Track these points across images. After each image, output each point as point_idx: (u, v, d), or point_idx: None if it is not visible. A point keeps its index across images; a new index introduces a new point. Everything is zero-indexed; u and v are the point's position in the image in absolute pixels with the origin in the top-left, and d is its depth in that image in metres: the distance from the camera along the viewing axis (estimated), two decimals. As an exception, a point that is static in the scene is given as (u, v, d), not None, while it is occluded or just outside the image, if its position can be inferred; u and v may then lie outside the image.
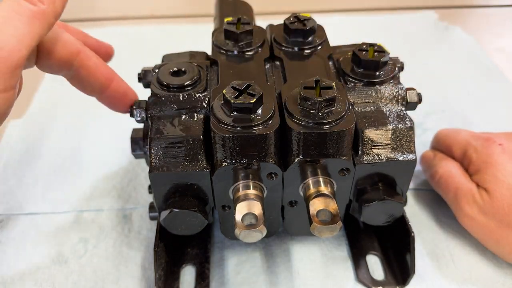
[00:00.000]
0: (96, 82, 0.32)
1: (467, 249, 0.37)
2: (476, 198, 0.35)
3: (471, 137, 0.39)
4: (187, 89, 0.32)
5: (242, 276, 0.36)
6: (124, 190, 0.44)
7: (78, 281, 0.36)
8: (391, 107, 0.32)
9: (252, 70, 0.34)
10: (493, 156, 0.36)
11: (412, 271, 0.34)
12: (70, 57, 0.31)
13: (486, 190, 0.35)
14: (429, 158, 0.42)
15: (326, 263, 0.37)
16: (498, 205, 0.33)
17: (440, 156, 0.41)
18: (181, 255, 0.37)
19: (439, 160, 0.40)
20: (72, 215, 0.41)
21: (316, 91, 0.28)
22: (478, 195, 0.35)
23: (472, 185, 0.36)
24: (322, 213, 0.28)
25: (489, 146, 0.36)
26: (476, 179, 0.36)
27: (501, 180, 0.34)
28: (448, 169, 0.38)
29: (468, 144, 0.38)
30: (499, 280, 0.35)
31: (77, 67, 0.31)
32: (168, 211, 0.30)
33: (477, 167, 0.36)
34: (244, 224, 0.27)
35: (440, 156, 0.41)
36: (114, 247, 0.38)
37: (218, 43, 0.36)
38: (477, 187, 0.36)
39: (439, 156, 0.41)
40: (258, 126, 0.28)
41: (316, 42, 0.36)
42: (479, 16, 0.75)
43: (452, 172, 0.38)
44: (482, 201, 0.34)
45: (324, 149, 0.28)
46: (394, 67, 0.33)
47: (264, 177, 0.30)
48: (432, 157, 0.41)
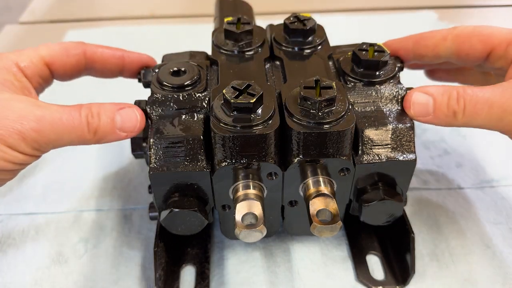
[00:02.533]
0: (113, 66, 0.36)
1: (467, 249, 0.37)
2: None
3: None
4: (187, 89, 0.32)
5: (242, 276, 0.36)
6: (124, 190, 0.44)
7: (78, 281, 0.36)
8: (391, 107, 0.32)
9: (252, 70, 0.34)
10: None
11: (412, 271, 0.34)
12: (79, 60, 0.34)
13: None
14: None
15: (326, 263, 0.37)
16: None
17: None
18: (181, 255, 0.37)
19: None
20: (72, 215, 0.41)
21: (316, 91, 0.28)
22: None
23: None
24: (322, 213, 0.28)
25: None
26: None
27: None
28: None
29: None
30: (499, 280, 0.35)
31: (90, 64, 0.35)
32: (168, 211, 0.30)
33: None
34: (244, 224, 0.27)
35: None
36: (114, 247, 0.38)
37: (218, 43, 0.36)
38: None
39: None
40: (258, 126, 0.28)
41: (316, 42, 0.36)
42: (479, 16, 0.75)
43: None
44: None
45: (324, 149, 0.28)
46: (394, 67, 0.33)
47: (264, 177, 0.30)
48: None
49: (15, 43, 0.69)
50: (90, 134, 0.28)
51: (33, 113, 0.27)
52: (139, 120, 0.30)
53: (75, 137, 0.28)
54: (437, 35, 0.35)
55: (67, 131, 0.28)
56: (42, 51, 0.33)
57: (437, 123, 0.29)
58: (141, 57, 0.37)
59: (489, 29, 0.34)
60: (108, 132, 0.29)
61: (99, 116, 0.28)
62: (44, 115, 0.27)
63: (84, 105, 0.29)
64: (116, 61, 0.36)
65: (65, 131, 0.28)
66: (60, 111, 0.28)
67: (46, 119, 0.27)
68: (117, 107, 0.29)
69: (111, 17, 0.76)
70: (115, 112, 0.29)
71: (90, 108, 0.28)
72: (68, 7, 0.79)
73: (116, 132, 0.29)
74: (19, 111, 0.27)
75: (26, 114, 0.27)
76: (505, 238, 0.38)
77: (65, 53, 0.34)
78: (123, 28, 0.71)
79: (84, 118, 0.28)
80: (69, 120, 0.28)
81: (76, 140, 0.28)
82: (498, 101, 0.28)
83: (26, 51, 0.33)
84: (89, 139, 0.29)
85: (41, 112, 0.27)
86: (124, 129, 0.29)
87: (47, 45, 0.34)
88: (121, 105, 0.30)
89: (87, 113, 0.28)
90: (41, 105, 0.28)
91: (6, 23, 0.75)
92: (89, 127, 0.28)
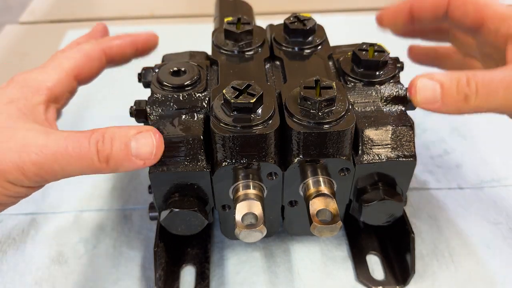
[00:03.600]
0: (128, 55, 0.36)
1: (467, 249, 0.37)
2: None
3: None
4: (187, 89, 0.32)
5: (242, 276, 0.36)
6: (124, 190, 0.44)
7: (78, 281, 0.36)
8: (391, 107, 0.32)
9: (252, 70, 0.34)
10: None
11: (412, 271, 0.34)
12: (101, 62, 0.34)
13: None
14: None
15: (326, 263, 0.37)
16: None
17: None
18: (181, 255, 0.37)
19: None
20: (72, 215, 0.41)
21: (316, 91, 0.28)
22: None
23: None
24: (322, 213, 0.28)
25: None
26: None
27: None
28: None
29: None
30: (499, 280, 0.35)
31: (110, 61, 0.35)
32: (168, 211, 0.30)
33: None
34: (244, 224, 0.27)
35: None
36: (114, 247, 0.38)
37: (218, 43, 0.36)
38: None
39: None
40: (258, 126, 0.28)
41: (316, 42, 0.36)
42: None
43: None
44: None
45: (324, 149, 0.28)
46: (394, 67, 0.33)
47: (264, 177, 0.30)
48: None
49: (15, 43, 0.69)
50: (102, 163, 0.25)
51: (36, 144, 0.25)
52: (155, 146, 0.26)
53: (84, 167, 0.25)
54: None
55: (73, 161, 0.25)
56: (66, 64, 0.31)
57: (446, 110, 0.27)
58: (148, 36, 0.37)
59: (485, 0, 0.33)
60: (122, 160, 0.25)
61: (111, 143, 0.25)
62: (47, 145, 0.25)
63: (97, 130, 0.26)
64: (130, 49, 0.36)
65: (70, 161, 0.25)
66: (67, 139, 0.25)
67: (49, 149, 0.25)
68: (134, 131, 0.26)
69: (111, 17, 0.76)
70: (131, 137, 0.25)
71: (103, 134, 0.25)
72: (68, 7, 0.79)
73: (132, 160, 0.25)
74: (22, 141, 0.25)
75: (28, 144, 0.25)
76: (505, 238, 0.38)
77: (88, 60, 0.33)
78: (123, 28, 0.70)
79: (93, 146, 0.25)
80: (75, 149, 0.25)
81: (87, 170, 0.26)
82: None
83: (50, 69, 0.31)
84: (101, 168, 0.26)
85: (45, 141, 0.25)
86: (139, 156, 0.26)
87: (67, 57, 0.32)
88: (139, 129, 0.26)
89: (98, 139, 0.25)
90: (49, 132, 0.26)
91: (6, 23, 0.75)
92: (99, 156, 0.25)
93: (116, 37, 0.36)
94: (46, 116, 0.29)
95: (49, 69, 0.31)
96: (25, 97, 0.28)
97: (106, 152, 0.25)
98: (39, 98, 0.29)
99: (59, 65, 0.32)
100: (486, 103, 0.27)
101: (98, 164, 0.25)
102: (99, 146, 0.25)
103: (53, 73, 0.31)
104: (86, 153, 0.25)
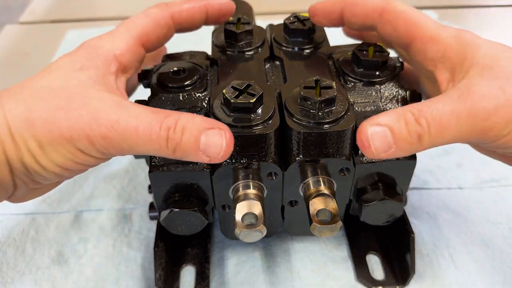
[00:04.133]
0: (197, 21, 0.33)
1: (467, 249, 0.37)
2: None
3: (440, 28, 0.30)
4: (187, 89, 0.32)
5: (242, 276, 0.36)
6: (124, 190, 0.44)
7: (78, 281, 0.36)
8: (391, 107, 0.32)
9: (252, 70, 0.34)
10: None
11: (412, 271, 0.34)
12: (169, 29, 0.32)
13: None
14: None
15: (326, 263, 0.37)
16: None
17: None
18: (181, 255, 0.37)
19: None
20: (72, 215, 0.41)
21: (316, 91, 0.28)
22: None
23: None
24: (322, 213, 0.28)
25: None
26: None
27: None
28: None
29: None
30: (499, 280, 0.35)
31: (178, 27, 0.33)
32: (168, 211, 0.30)
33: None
34: (244, 224, 0.27)
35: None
36: (114, 247, 0.38)
37: (218, 43, 0.36)
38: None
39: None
40: (258, 126, 0.28)
41: (316, 42, 0.36)
42: (479, 16, 0.75)
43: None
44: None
45: (324, 149, 0.28)
46: (394, 67, 0.33)
47: (264, 177, 0.30)
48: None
49: (15, 43, 0.69)
50: (169, 150, 0.25)
51: (107, 117, 0.24)
52: (223, 148, 0.25)
53: (151, 150, 0.25)
54: (368, 3, 0.32)
55: (141, 143, 0.24)
56: (134, 30, 0.30)
57: (400, 154, 0.25)
58: (220, 4, 0.34)
59: (418, 17, 0.31)
60: (189, 153, 0.25)
61: (182, 132, 0.24)
62: (119, 121, 0.24)
63: (170, 115, 0.25)
64: (200, 15, 0.33)
65: (139, 142, 0.24)
66: (138, 119, 0.24)
67: (120, 126, 0.24)
68: (206, 125, 0.25)
69: (111, 17, 0.76)
70: (202, 131, 0.25)
71: (175, 121, 0.25)
72: (68, 7, 0.79)
73: (198, 154, 0.25)
74: (94, 112, 0.24)
75: (100, 116, 0.24)
76: (505, 238, 0.38)
77: (156, 26, 0.31)
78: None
79: (164, 132, 0.24)
80: (145, 131, 0.24)
81: (154, 152, 0.25)
82: (464, 110, 0.24)
83: (118, 34, 0.30)
84: (167, 155, 0.25)
85: (116, 117, 0.24)
86: (207, 153, 0.25)
87: (134, 22, 0.31)
88: (212, 124, 0.25)
89: (170, 126, 0.24)
90: (121, 105, 0.25)
91: (6, 23, 0.75)
92: (168, 143, 0.24)
93: (186, 0, 0.33)
94: (117, 85, 0.28)
95: (117, 37, 0.30)
96: (95, 66, 0.28)
97: (175, 142, 0.25)
98: (109, 68, 0.28)
99: (128, 30, 0.30)
100: (440, 138, 0.25)
101: (165, 150, 0.25)
102: (170, 133, 0.24)
103: (121, 41, 0.29)
104: (156, 138, 0.24)
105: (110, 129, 0.24)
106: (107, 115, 0.24)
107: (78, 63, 0.27)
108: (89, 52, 0.28)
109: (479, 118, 0.25)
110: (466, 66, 0.27)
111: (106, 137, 0.24)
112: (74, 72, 0.27)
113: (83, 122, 0.24)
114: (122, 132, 0.24)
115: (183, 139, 0.24)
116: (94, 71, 0.27)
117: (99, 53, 0.28)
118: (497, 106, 0.25)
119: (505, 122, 0.25)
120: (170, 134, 0.24)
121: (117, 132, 0.24)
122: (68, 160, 0.25)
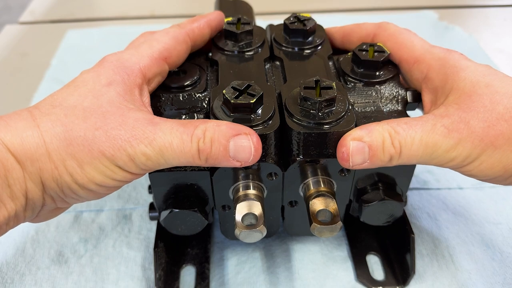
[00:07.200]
0: (207, 33, 0.35)
1: (467, 249, 0.37)
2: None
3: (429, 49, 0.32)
4: (187, 89, 0.32)
5: (242, 276, 0.36)
6: (124, 190, 0.44)
7: (78, 281, 0.36)
8: (391, 107, 0.32)
9: (252, 70, 0.34)
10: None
11: (412, 271, 0.34)
12: (187, 46, 0.34)
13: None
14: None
15: (326, 263, 0.37)
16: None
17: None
18: (181, 255, 0.37)
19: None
20: (72, 215, 0.41)
21: (316, 91, 0.28)
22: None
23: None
24: (322, 213, 0.28)
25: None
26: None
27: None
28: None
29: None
30: (499, 280, 0.35)
31: (193, 44, 0.34)
32: (168, 211, 0.30)
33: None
34: (244, 224, 0.27)
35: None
36: (114, 247, 0.38)
37: (218, 43, 0.36)
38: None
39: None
40: (258, 126, 0.28)
41: (316, 42, 0.36)
42: (479, 16, 0.75)
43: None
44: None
45: (324, 149, 0.28)
46: (394, 67, 0.33)
47: (264, 177, 0.30)
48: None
49: (15, 43, 0.69)
50: (202, 160, 0.26)
51: (145, 136, 0.26)
52: (252, 152, 0.26)
53: (185, 162, 0.26)
54: (362, 31, 0.35)
55: (176, 156, 0.26)
56: (157, 46, 0.31)
57: (370, 167, 0.28)
58: (216, 18, 0.36)
59: (406, 39, 0.33)
60: (220, 160, 0.26)
61: (211, 143, 0.26)
62: (156, 138, 0.26)
63: (198, 125, 0.26)
64: (208, 30, 0.35)
65: (174, 156, 0.26)
66: (172, 133, 0.26)
67: (157, 142, 0.25)
68: (232, 132, 0.26)
69: (111, 17, 0.76)
70: (230, 139, 0.26)
71: (204, 131, 0.26)
72: (68, 7, 0.79)
73: (229, 160, 0.26)
74: (132, 131, 0.26)
75: (138, 135, 0.26)
76: (505, 238, 0.38)
77: (176, 43, 0.32)
78: (123, 28, 0.71)
79: (195, 144, 0.26)
80: (179, 145, 0.26)
81: (188, 163, 0.27)
82: (432, 141, 0.27)
83: (142, 49, 0.31)
84: (201, 164, 0.27)
85: (153, 134, 0.26)
86: (237, 158, 0.26)
87: (157, 39, 0.32)
88: (238, 130, 0.26)
89: (199, 137, 0.26)
90: (154, 122, 0.26)
91: (6, 23, 0.75)
92: (200, 154, 0.26)
93: (192, 20, 0.35)
94: (142, 99, 0.29)
95: (140, 51, 0.31)
96: (122, 80, 0.28)
97: (206, 152, 0.26)
98: (135, 81, 0.29)
99: (150, 47, 0.31)
100: (407, 161, 0.28)
101: (198, 161, 0.26)
102: (200, 145, 0.26)
103: (145, 54, 0.30)
104: (188, 150, 0.26)
105: (148, 146, 0.25)
106: (144, 133, 0.26)
107: (104, 78, 0.28)
108: (115, 65, 0.29)
109: (441, 150, 0.27)
110: (447, 89, 0.29)
111: (145, 154, 0.26)
112: (102, 87, 0.28)
113: (123, 141, 0.25)
114: (160, 148, 0.26)
115: (213, 150, 0.26)
116: (121, 86, 0.28)
117: (125, 66, 0.29)
118: (459, 140, 0.27)
119: (463, 157, 0.27)
120: (200, 145, 0.26)
121: (155, 148, 0.26)
122: (106, 178, 0.26)
